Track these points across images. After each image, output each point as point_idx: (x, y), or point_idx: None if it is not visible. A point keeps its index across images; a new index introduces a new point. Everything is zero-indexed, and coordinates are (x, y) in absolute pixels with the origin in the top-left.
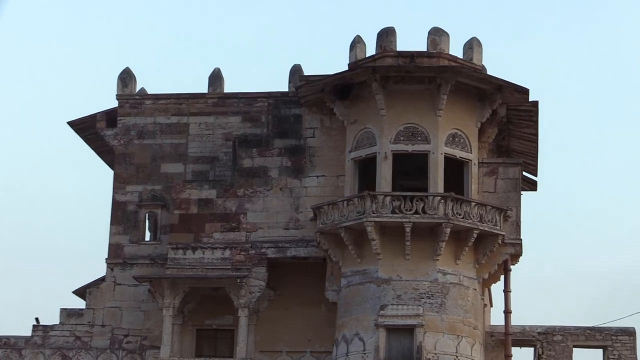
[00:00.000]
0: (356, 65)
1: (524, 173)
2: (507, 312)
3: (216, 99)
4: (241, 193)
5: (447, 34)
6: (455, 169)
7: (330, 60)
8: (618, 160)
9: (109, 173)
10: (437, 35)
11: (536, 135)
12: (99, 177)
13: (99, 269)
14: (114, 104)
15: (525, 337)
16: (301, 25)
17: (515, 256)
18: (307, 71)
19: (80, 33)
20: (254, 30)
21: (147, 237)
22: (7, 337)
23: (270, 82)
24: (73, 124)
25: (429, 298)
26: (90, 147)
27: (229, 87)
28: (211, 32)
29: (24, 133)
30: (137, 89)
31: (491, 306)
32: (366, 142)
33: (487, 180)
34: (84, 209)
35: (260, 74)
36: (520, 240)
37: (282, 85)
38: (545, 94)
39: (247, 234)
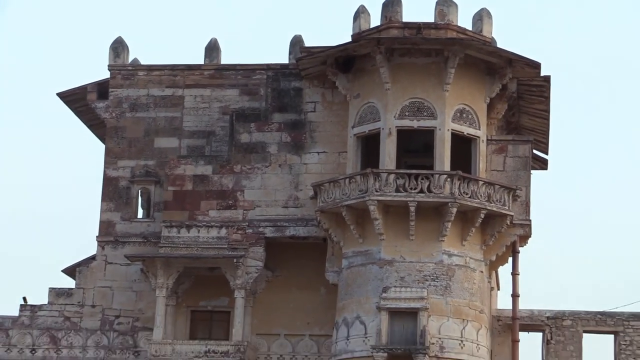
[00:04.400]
0: (360, 36)
1: (535, 151)
2: (514, 295)
3: (213, 70)
4: (238, 169)
5: (455, 5)
6: (462, 146)
7: (333, 31)
8: (634, 138)
9: (100, 147)
10: (445, 5)
11: (547, 111)
12: (89, 151)
13: (90, 247)
14: (106, 74)
15: (533, 322)
16: None
17: (524, 238)
18: (309, 42)
19: (72, 0)
20: None
21: (140, 214)
22: None
23: (270, 54)
24: (63, 96)
25: (434, 280)
26: (81, 119)
27: (227, 58)
28: (208, 1)
29: (12, 105)
30: (130, 59)
31: (498, 289)
32: (370, 118)
33: (495, 158)
34: (74, 184)
35: (259, 45)
36: (530, 221)
37: (282, 57)
38: (557, 68)
39: (245, 212)
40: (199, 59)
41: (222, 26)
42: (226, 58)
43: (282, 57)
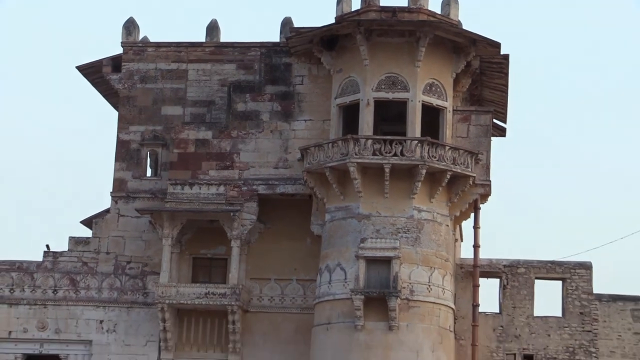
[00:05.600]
0: (342, 18)
1: (494, 120)
2: (476, 246)
3: (213, 47)
4: (235, 134)
5: None
6: (431, 116)
7: (319, 14)
8: (580, 108)
9: (114, 114)
10: None
11: (506, 85)
12: (104, 117)
13: (105, 202)
14: (119, 50)
15: (492, 269)
16: None
17: (485, 196)
18: (297, 23)
19: None
20: None
21: (149, 173)
22: (21, 262)
23: (263, 33)
24: (81, 69)
25: (405, 233)
26: (97, 90)
27: (225, 36)
28: None
29: (37, 77)
30: (140, 37)
31: (461, 241)
32: (350, 90)
33: (460, 126)
34: (91, 146)
35: (254, 25)
36: (490, 181)
37: (274, 36)
38: (516, 47)
39: (240, 172)
40: (201, 37)
41: (221, 8)
42: (225, 36)
43: (274, 36)
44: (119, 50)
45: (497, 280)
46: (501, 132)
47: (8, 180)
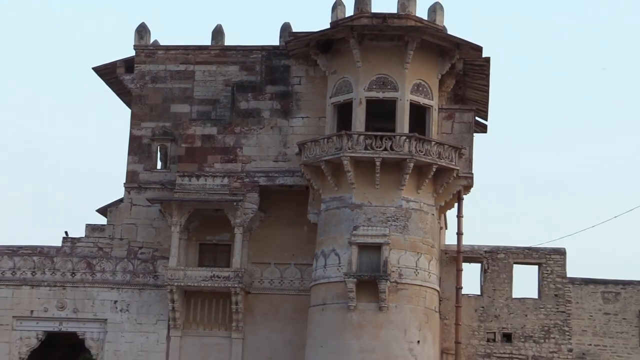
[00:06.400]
0: (337, 24)
1: (477, 118)
2: (459, 233)
3: (218, 50)
4: (238, 130)
5: None
6: (418, 114)
7: (315, 20)
8: (555, 106)
9: (127, 112)
10: None
11: (487, 86)
12: (118, 115)
13: (118, 192)
14: (132, 53)
15: (473, 255)
16: None
17: (467, 187)
18: (296, 28)
19: None
20: None
21: (159, 166)
22: (42, 247)
23: (264, 37)
24: (97, 70)
25: (395, 221)
26: (112, 89)
27: (229, 40)
28: None
29: (57, 78)
30: (152, 41)
31: (446, 229)
32: (344, 90)
33: (445, 123)
34: (106, 141)
35: (255, 30)
36: (472, 174)
37: (274, 40)
38: (497, 50)
39: (243, 165)
40: (206, 41)
41: (226, 14)
42: (229, 40)
43: (274, 40)
44: (131, 52)
45: (479, 265)
46: (483, 128)
47: (30, 174)
